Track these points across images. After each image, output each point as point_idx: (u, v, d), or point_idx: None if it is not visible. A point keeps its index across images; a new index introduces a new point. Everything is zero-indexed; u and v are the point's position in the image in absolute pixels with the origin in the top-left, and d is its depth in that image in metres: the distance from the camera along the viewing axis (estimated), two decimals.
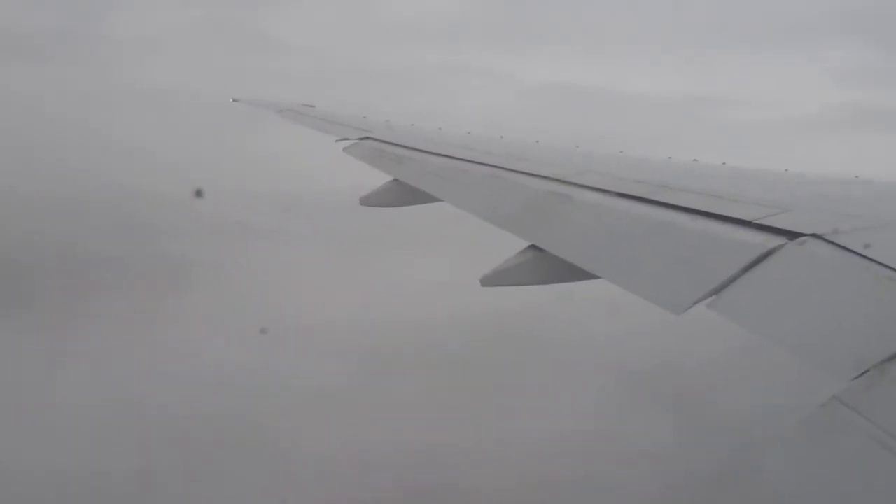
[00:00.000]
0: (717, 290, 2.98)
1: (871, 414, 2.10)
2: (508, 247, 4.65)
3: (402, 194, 5.97)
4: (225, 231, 23.06)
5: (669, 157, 5.36)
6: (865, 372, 2.27)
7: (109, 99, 31.22)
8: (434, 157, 6.23)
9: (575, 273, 3.85)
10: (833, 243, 3.01)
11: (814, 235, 3.10)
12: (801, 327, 2.76)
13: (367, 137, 7.65)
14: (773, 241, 3.16)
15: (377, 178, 6.77)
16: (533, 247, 4.26)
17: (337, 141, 7.97)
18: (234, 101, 11.80)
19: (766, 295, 2.98)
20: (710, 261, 3.26)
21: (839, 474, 2.08)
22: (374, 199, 6.26)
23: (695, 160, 5.06)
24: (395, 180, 6.11)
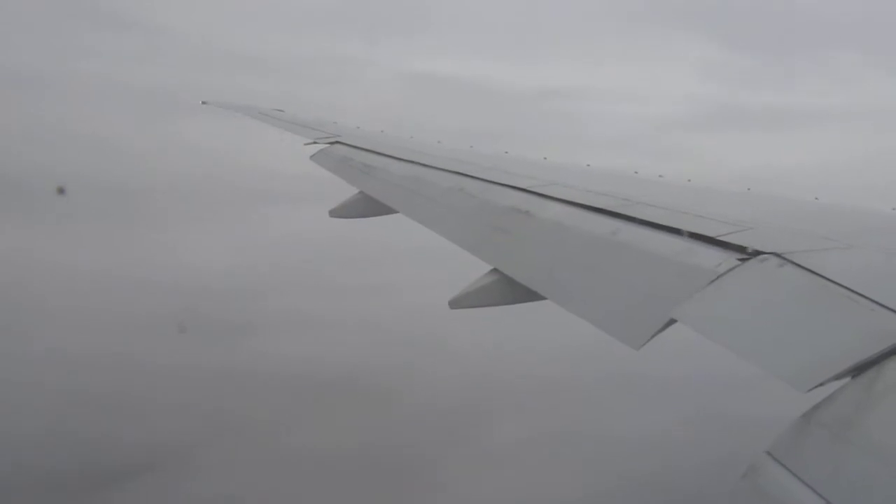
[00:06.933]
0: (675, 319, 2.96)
1: (804, 471, 2.07)
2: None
3: (371, 206, 5.90)
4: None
5: (636, 172, 5.35)
6: (819, 385, 2.27)
7: None
8: (401, 164, 6.17)
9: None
10: (792, 262, 3.00)
11: (774, 254, 3.09)
12: (755, 346, 2.74)
13: (337, 142, 7.60)
14: (734, 258, 3.15)
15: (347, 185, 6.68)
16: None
17: (306, 145, 7.89)
18: (203, 103, 11.52)
19: (723, 313, 2.97)
20: (668, 280, 3.23)
21: None
22: (344, 212, 6.20)
23: (660, 176, 5.06)
24: (362, 193, 6.04)
